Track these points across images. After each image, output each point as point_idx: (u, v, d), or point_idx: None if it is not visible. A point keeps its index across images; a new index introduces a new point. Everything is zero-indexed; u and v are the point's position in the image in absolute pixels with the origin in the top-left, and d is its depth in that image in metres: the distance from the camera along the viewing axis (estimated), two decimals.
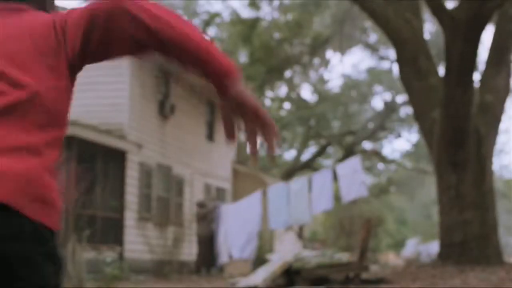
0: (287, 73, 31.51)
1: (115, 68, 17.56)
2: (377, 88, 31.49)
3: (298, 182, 14.06)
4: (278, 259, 10.64)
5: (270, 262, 11.00)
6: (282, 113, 32.17)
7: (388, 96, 30.83)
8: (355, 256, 10.68)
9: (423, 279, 10.55)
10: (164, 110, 18.87)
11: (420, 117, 12.35)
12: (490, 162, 11.91)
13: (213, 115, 22.55)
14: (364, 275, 10.37)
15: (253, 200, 14.66)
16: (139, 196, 17.63)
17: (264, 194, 14.68)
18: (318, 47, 19.82)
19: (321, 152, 33.30)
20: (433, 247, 26.64)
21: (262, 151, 1.64)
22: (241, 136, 1.58)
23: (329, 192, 13.34)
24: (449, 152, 11.47)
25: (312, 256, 10.52)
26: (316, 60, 23.28)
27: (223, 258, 14.94)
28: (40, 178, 1.32)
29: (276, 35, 20.07)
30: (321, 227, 37.37)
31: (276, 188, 14.37)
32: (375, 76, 30.99)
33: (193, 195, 20.36)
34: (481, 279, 10.34)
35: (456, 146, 11.38)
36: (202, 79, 1.59)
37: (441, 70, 12.21)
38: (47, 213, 1.32)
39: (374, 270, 11.10)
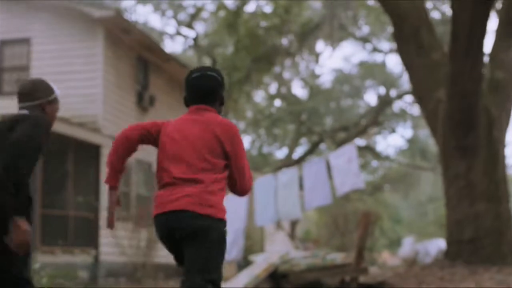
0: (277, 69, 30.01)
1: (88, 56, 15.90)
2: (370, 82, 29.85)
3: (287, 174, 12.37)
4: (262, 260, 8.96)
5: (253, 264, 9.33)
6: (272, 110, 30.57)
7: (382, 90, 29.17)
8: (351, 256, 9.02)
9: (430, 283, 8.87)
10: (143, 101, 17.18)
11: (422, 97, 10.66)
12: (503, 147, 10.19)
13: None
14: (362, 279, 8.71)
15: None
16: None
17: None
18: (307, 34, 18.22)
19: (313, 149, 31.60)
20: (432, 246, 24.98)
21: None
22: None
23: (325, 185, 11.64)
24: (457, 135, 9.80)
25: (301, 257, 8.84)
26: (306, 50, 21.68)
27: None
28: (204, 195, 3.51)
29: (263, 22, 18.46)
30: (314, 227, 35.77)
31: (263, 181, 12.68)
32: (368, 69, 29.37)
33: None
34: (498, 281, 8.65)
35: (465, 128, 9.71)
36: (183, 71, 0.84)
37: (446, 46, 10.55)
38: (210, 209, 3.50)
39: (373, 272, 9.42)
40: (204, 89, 3.78)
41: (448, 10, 13.13)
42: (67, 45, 16.04)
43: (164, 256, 16.51)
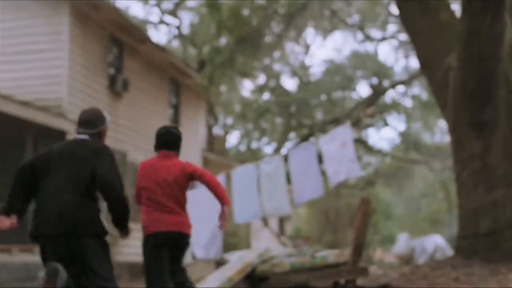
0: (266, 61, 28.30)
1: (52, 34, 14.04)
2: (362, 72, 28.06)
3: (271, 162, 10.57)
4: (237, 260, 7.17)
5: (227, 263, 7.54)
6: (260, 102, 28.79)
7: (374, 81, 27.38)
8: (346, 254, 7.24)
9: (443, 285, 7.10)
10: (116, 85, 15.33)
11: (429, 65, 8.87)
12: None
13: (179, 96, 19.04)
14: (360, 281, 6.93)
15: None
16: None
17: (228, 179, 11.23)
18: (294, 15, 16.48)
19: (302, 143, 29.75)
20: (429, 243, 23.21)
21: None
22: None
23: (316, 174, 9.86)
24: (471, 108, 8.03)
25: (285, 255, 7.05)
26: (293, 32, 19.89)
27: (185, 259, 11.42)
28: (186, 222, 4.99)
29: (248, 2, 16.69)
30: (305, 224, 34.16)
31: (242, 172, 10.87)
32: (360, 59, 27.59)
33: None
34: None
35: (480, 100, 7.95)
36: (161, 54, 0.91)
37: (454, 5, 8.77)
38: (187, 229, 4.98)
39: (371, 272, 7.65)
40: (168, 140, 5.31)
41: None
42: (29, 21, 14.20)
43: (130, 254, 14.72)
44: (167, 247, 4.85)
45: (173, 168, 5.01)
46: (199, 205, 11.42)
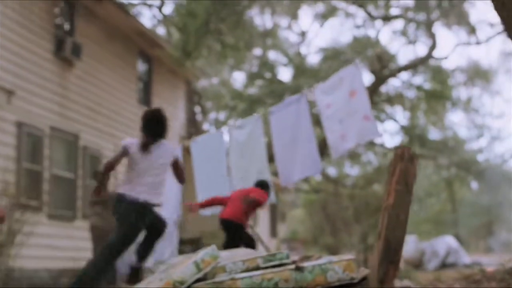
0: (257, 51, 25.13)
1: None
2: (363, 58, 24.73)
3: (247, 126, 7.29)
4: (162, 272, 3.81)
5: (145, 280, 4.19)
6: (251, 91, 25.52)
7: (375, 66, 24.03)
8: (358, 260, 3.77)
9: None
10: (64, 50, 11.96)
11: None
12: None
13: (151, 72, 15.64)
14: None
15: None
16: (17, 174, 10.73)
17: (188, 153, 7.94)
18: None
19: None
20: (440, 245, 19.85)
21: None
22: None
23: (310, 140, 6.56)
24: None
25: (241, 264, 3.69)
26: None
27: (124, 267, 7.97)
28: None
29: None
30: (300, 225, 31.06)
31: (206, 142, 7.59)
32: (360, 43, 24.27)
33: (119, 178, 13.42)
34: None
35: None
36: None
37: None
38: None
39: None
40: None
41: None
42: None
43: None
44: None
45: None
46: None
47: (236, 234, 7.03)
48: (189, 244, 13.87)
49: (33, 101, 11.16)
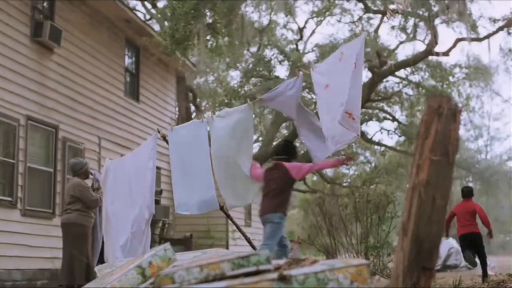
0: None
1: None
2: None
3: (230, 114, 6.31)
4: (98, 280, 2.76)
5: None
6: (247, 88, 24.44)
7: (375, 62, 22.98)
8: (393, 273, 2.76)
9: None
10: (42, 35, 10.90)
11: None
12: None
13: (139, 63, 14.58)
14: None
15: (142, 158, 6.86)
16: None
17: (164, 141, 6.91)
18: None
19: (294, 136, 25.26)
20: (441, 246, 18.88)
21: None
22: None
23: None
24: None
25: (198, 274, 2.58)
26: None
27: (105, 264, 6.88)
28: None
29: None
30: (297, 226, 30.04)
31: (184, 131, 6.60)
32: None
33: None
34: None
35: None
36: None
37: None
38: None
39: None
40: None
41: None
42: None
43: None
44: None
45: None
46: (116, 195, 7.07)
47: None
48: (178, 245, 12.81)
49: (7, 89, 10.11)
